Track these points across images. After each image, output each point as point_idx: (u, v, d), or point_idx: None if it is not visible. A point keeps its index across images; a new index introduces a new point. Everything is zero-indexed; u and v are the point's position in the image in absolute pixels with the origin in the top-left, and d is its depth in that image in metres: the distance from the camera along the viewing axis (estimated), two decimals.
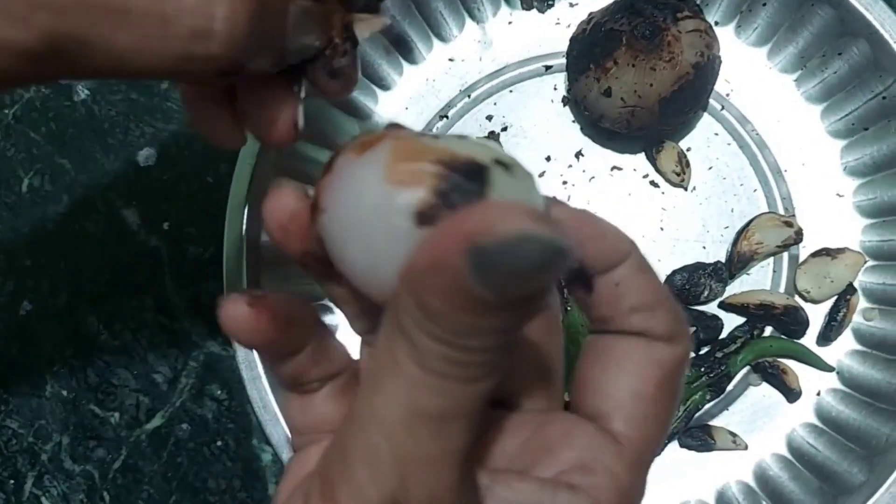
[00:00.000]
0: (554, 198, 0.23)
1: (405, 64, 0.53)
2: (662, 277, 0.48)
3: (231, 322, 0.23)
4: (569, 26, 0.52)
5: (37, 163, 0.56)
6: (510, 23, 0.54)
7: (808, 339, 0.47)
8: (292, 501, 0.21)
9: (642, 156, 0.50)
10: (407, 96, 0.53)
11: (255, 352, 0.37)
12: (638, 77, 0.45)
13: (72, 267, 0.54)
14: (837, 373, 0.46)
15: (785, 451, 0.45)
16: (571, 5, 0.54)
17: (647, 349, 0.22)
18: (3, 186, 0.56)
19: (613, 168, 0.50)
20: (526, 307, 0.18)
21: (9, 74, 0.24)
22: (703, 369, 0.45)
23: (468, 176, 0.19)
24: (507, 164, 0.20)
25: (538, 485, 0.22)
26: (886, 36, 0.46)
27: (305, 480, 0.22)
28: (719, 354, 0.46)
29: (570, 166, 0.51)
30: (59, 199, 0.56)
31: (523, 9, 0.54)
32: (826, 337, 0.46)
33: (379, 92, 0.53)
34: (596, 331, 0.24)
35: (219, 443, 0.51)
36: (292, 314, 0.24)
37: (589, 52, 0.47)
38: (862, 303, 0.47)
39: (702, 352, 0.47)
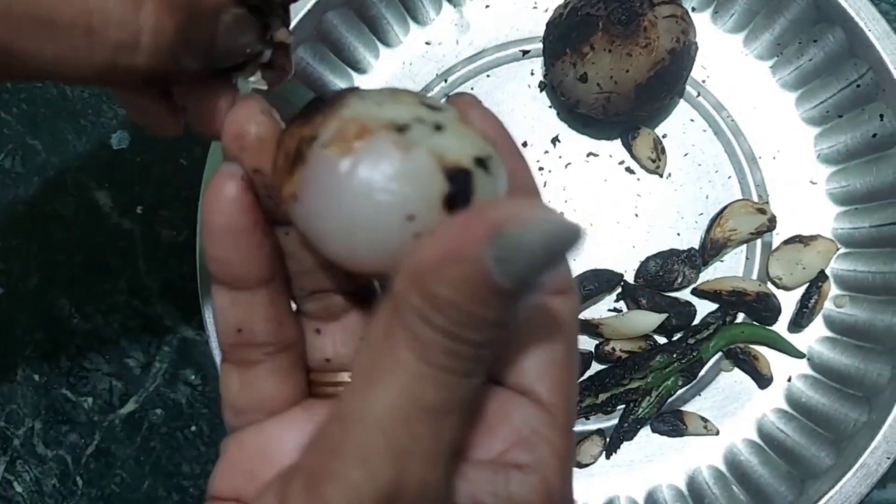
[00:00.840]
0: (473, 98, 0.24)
1: (381, 47, 0.53)
2: (636, 264, 0.48)
3: (215, 189, 0.23)
4: (546, 10, 0.52)
5: (7, 143, 0.55)
6: (487, 6, 0.53)
7: (780, 326, 0.47)
8: (267, 494, 0.21)
9: (618, 142, 0.50)
10: (383, 80, 0.53)
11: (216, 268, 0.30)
12: (614, 62, 0.45)
13: (43, 250, 0.54)
14: (808, 359, 0.46)
15: (755, 437, 0.46)
16: None
17: (550, 316, 0.23)
18: None
19: (589, 154, 0.50)
20: (527, 297, 0.19)
21: None
22: (675, 355, 0.46)
23: (460, 182, 0.21)
24: (485, 162, 0.22)
25: (491, 471, 0.22)
26: (861, 24, 0.46)
27: (279, 478, 0.21)
28: (692, 340, 0.46)
29: (547, 152, 0.51)
30: (31, 180, 0.55)
31: None
32: (797, 323, 0.47)
33: (355, 75, 0.52)
34: None
35: (193, 427, 0.51)
36: (266, 226, 0.24)
37: (565, 36, 0.46)
38: (833, 290, 0.47)
39: (674, 338, 0.47)
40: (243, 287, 0.24)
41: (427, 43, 0.53)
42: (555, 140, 0.51)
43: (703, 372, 0.47)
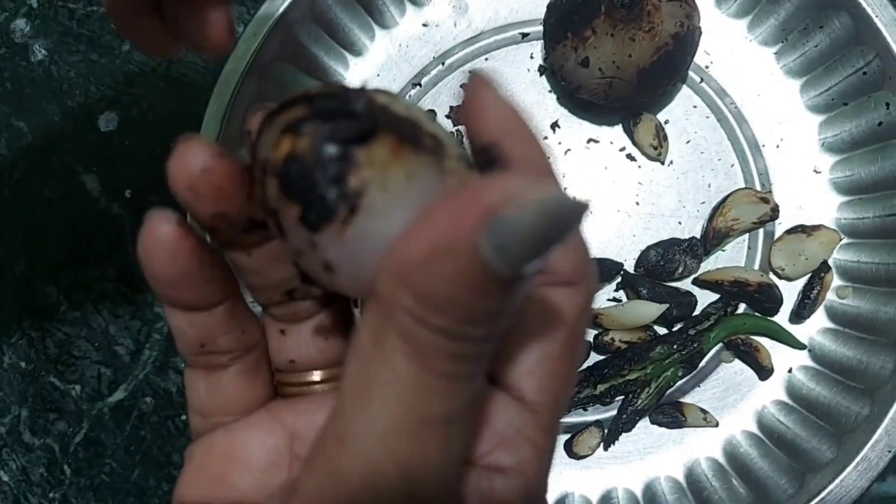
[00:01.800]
0: (477, 76, 0.22)
1: (377, 28, 0.51)
2: (636, 253, 0.47)
3: (151, 240, 0.21)
4: None
5: None
6: None
7: (782, 317, 0.46)
8: None
9: (619, 128, 0.49)
10: (379, 62, 0.51)
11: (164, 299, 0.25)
12: (617, 47, 0.44)
13: (30, 235, 0.52)
14: (809, 350, 0.46)
15: (755, 429, 0.45)
16: None
17: (549, 308, 0.22)
18: None
19: (590, 140, 0.49)
20: (529, 282, 0.17)
21: None
22: (675, 346, 0.45)
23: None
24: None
25: (475, 475, 0.21)
26: (868, 9, 0.45)
27: (278, 495, 0.20)
28: (692, 331, 0.45)
29: (546, 138, 0.50)
30: (16, 163, 0.53)
31: None
32: (799, 314, 0.46)
33: (350, 57, 0.51)
34: None
35: (183, 416, 0.50)
36: (214, 257, 0.22)
37: (567, 19, 0.45)
38: (836, 280, 0.46)
39: (675, 328, 0.46)
40: (199, 310, 0.23)
41: (424, 25, 0.52)
42: (554, 126, 0.50)
43: (703, 363, 0.46)
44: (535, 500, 0.22)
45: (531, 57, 0.51)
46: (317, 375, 0.25)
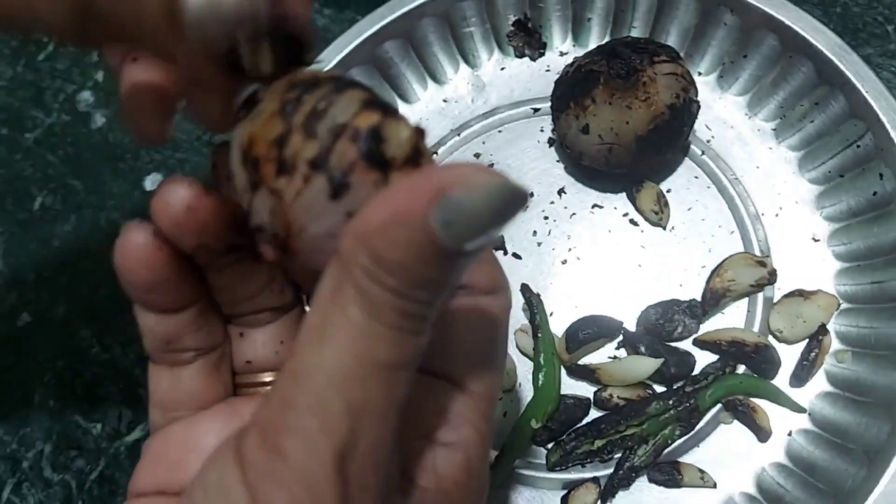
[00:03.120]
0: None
1: (400, 102, 0.56)
2: (637, 313, 0.49)
3: (126, 249, 0.23)
4: (557, 73, 0.55)
5: (50, 183, 0.59)
6: (503, 69, 0.56)
7: (782, 380, 0.46)
8: (220, 456, 0.21)
9: (623, 195, 0.52)
10: None
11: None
12: (614, 114, 0.47)
13: (72, 282, 0.57)
14: (809, 414, 0.46)
15: (753, 490, 0.44)
16: (561, 54, 0.56)
17: (480, 312, 0.24)
18: (17, 204, 0.59)
19: (594, 206, 0.52)
20: (472, 258, 0.20)
21: (54, 28, 0.24)
22: (671, 402, 0.45)
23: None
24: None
25: (419, 446, 0.23)
26: (859, 85, 0.47)
27: (233, 437, 0.22)
28: (689, 389, 0.46)
29: (552, 203, 0.52)
30: (68, 217, 0.58)
31: (516, 56, 0.57)
32: (798, 377, 0.46)
33: None
34: None
35: None
36: (186, 265, 0.24)
37: (570, 91, 0.49)
38: (835, 344, 0.46)
39: (674, 387, 0.47)
40: (170, 312, 0.25)
41: (444, 100, 0.56)
42: (561, 191, 0.52)
43: (702, 424, 0.46)
44: (476, 484, 0.24)
45: (541, 130, 0.54)
46: (268, 377, 0.28)
